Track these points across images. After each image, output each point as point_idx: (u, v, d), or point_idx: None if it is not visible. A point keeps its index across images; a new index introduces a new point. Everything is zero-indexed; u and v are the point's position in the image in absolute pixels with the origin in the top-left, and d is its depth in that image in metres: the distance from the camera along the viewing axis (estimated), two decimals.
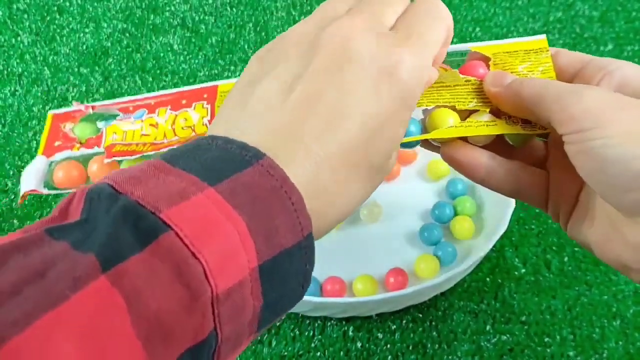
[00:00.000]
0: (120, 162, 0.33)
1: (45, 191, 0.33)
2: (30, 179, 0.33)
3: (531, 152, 0.31)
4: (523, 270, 0.43)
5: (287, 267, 0.21)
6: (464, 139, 0.30)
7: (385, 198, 0.46)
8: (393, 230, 0.44)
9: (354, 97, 0.23)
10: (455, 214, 0.45)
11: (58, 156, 0.34)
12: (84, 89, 0.55)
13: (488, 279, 0.43)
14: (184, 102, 0.34)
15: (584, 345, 0.39)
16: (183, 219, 0.19)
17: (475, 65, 0.31)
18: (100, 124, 0.34)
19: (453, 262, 0.42)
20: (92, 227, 0.19)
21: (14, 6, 0.62)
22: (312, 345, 0.40)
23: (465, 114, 0.30)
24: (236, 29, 0.60)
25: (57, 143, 0.34)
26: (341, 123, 0.23)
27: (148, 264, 0.18)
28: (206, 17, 0.61)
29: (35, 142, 0.51)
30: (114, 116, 0.35)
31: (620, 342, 0.39)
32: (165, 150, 0.32)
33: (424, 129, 0.30)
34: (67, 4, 0.62)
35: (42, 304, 0.17)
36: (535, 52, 0.30)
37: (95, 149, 0.34)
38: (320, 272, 0.41)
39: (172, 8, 0.61)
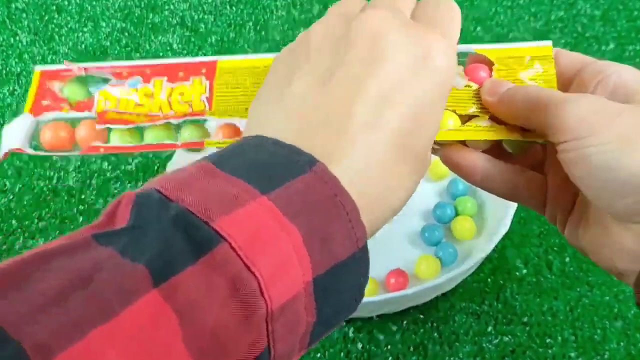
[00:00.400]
0: (110, 130, 0.32)
1: (31, 151, 0.31)
2: (15, 136, 0.31)
3: (529, 156, 0.32)
4: (524, 271, 0.43)
5: (342, 280, 0.21)
6: (463, 142, 0.30)
7: None
8: (394, 231, 0.44)
9: (395, 85, 0.23)
10: (457, 214, 0.44)
11: (46, 116, 0.32)
12: None
13: (489, 280, 0.42)
14: (181, 74, 0.33)
15: (586, 346, 0.39)
16: (237, 229, 0.18)
17: (477, 68, 0.31)
18: (91, 88, 0.33)
19: (454, 263, 0.42)
20: (142, 234, 0.18)
21: (13, 5, 0.61)
22: (312, 346, 0.40)
23: (465, 118, 0.30)
24: (236, 27, 0.59)
25: (44, 102, 0.32)
26: (384, 111, 0.23)
27: (203, 277, 0.18)
28: (205, 16, 0.60)
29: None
30: (106, 80, 0.33)
31: (622, 343, 0.39)
32: (161, 122, 0.31)
33: None
34: (66, 3, 0.61)
35: (92, 317, 0.16)
36: (539, 59, 0.30)
37: (86, 113, 0.32)
38: None
39: (171, 7, 0.61)
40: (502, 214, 0.41)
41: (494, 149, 0.31)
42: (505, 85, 0.29)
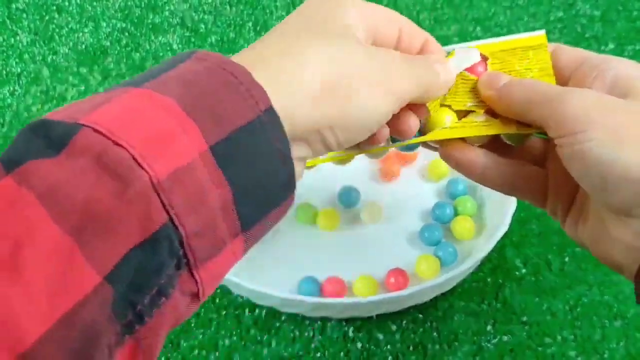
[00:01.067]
0: None
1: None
2: None
3: (530, 150, 0.32)
4: (524, 271, 0.43)
5: (249, 146, 0.19)
6: (462, 139, 0.30)
7: (385, 198, 0.46)
8: (393, 231, 0.44)
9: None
10: (456, 214, 0.44)
11: None
12: (83, 88, 0.55)
13: (489, 280, 0.42)
14: None
15: (585, 345, 0.39)
16: (101, 116, 0.18)
17: (474, 65, 0.31)
18: None
19: (454, 263, 0.42)
20: (11, 146, 0.19)
21: (13, 5, 0.61)
22: (312, 345, 0.40)
23: (462, 114, 0.30)
24: (236, 28, 0.59)
25: None
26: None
27: (64, 163, 0.17)
28: (205, 17, 0.60)
29: None
30: None
31: (621, 343, 0.39)
32: None
33: (422, 129, 0.30)
34: (66, 3, 0.61)
35: None
36: (534, 49, 0.30)
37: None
38: (320, 272, 0.41)
39: (172, 7, 0.61)
40: (501, 213, 0.41)
41: (493, 144, 0.31)
42: (502, 79, 0.29)
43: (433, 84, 0.27)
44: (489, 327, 0.40)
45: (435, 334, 0.40)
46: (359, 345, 0.40)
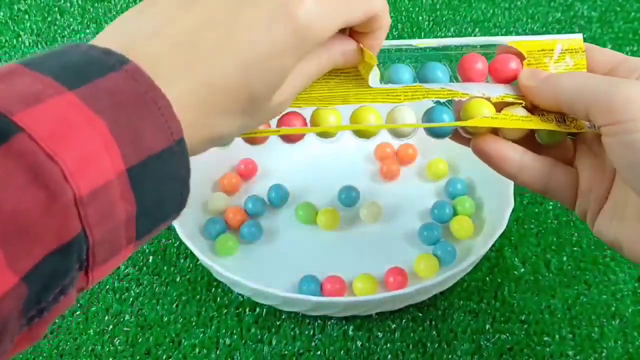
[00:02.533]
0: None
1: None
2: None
3: (559, 150, 0.31)
4: (522, 270, 0.43)
5: (158, 171, 0.21)
6: (495, 132, 0.30)
7: (385, 198, 0.46)
8: (393, 230, 0.45)
9: (244, 27, 0.24)
10: (455, 213, 0.45)
11: None
12: None
13: (487, 279, 0.43)
14: None
15: (583, 344, 0.40)
16: (38, 121, 0.19)
17: (507, 59, 0.31)
18: None
19: (453, 262, 0.42)
20: None
21: (15, 7, 0.62)
22: (313, 344, 0.40)
23: (499, 106, 0.30)
24: None
25: None
26: (225, 50, 0.23)
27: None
28: None
29: None
30: None
31: (619, 342, 0.40)
32: None
33: (458, 120, 0.30)
34: (68, 4, 0.62)
35: None
36: (570, 53, 0.30)
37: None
38: (320, 271, 0.42)
39: None
40: (499, 213, 0.41)
41: (524, 141, 0.30)
42: (544, 73, 0.29)
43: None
44: (487, 326, 0.41)
45: (434, 332, 0.40)
46: (359, 343, 0.40)
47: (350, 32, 0.28)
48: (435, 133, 0.31)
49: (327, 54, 0.28)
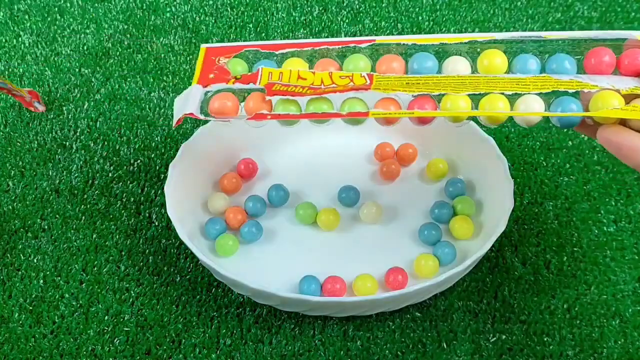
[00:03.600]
0: (274, 104, 0.34)
1: (202, 116, 0.35)
2: (188, 104, 0.35)
3: None
4: (522, 270, 0.43)
5: None
6: (623, 124, 0.30)
7: (385, 198, 0.46)
8: (393, 230, 0.45)
9: None
10: (455, 213, 0.45)
11: (214, 87, 0.36)
12: (85, 89, 0.55)
13: (487, 279, 0.43)
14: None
15: (583, 344, 0.40)
16: None
17: (637, 53, 0.31)
18: (253, 64, 0.36)
19: (452, 262, 0.42)
20: None
21: (15, 7, 0.62)
22: (313, 344, 0.40)
23: (628, 99, 0.31)
24: (237, 29, 0.60)
25: (211, 75, 0.36)
26: None
27: None
28: (207, 18, 0.61)
29: (36, 142, 0.51)
30: (268, 55, 0.36)
31: (619, 342, 0.40)
32: (326, 95, 0.33)
33: (586, 110, 0.31)
34: (68, 5, 0.62)
35: None
36: None
37: (251, 85, 0.35)
38: (320, 272, 0.42)
39: (173, 9, 0.61)
40: (499, 213, 0.41)
41: None
42: None
43: None
44: (487, 326, 0.41)
45: (434, 332, 0.40)
46: (359, 343, 0.40)
47: None
48: (564, 123, 0.32)
49: None
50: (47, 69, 0.57)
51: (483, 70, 0.33)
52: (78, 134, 0.52)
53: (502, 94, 0.32)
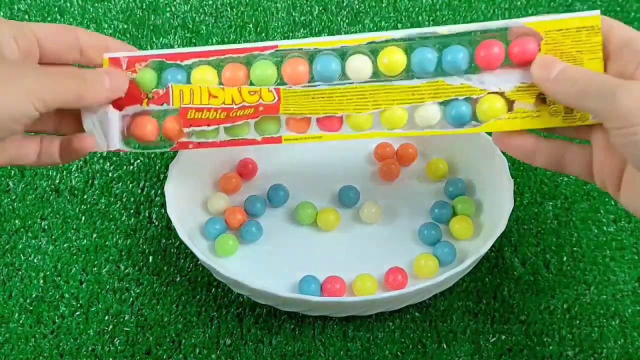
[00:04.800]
0: (192, 133, 0.36)
1: (128, 149, 0.37)
2: (109, 133, 0.35)
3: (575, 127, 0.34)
4: (522, 270, 0.43)
5: None
6: None
7: (385, 198, 0.46)
8: (393, 230, 0.45)
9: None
10: (455, 214, 0.45)
11: (129, 110, 0.36)
12: None
13: (487, 279, 0.43)
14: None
15: (583, 344, 0.40)
16: None
17: (526, 41, 0.32)
18: (162, 74, 0.36)
19: (452, 262, 0.42)
20: None
21: (15, 7, 0.62)
22: (313, 344, 0.40)
23: (512, 101, 0.33)
24: (237, 29, 0.60)
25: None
26: None
27: None
28: (206, 18, 0.61)
29: None
30: (177, 66, 0.36)
31: (619, 342, 0.40)
32: (239, 122, 0.35)
33: (474, 112, 0.35)
34: (68, 4, 0.62)
35: None
36: (587, 31, 0.31)
37: (165, 106, 0.36)
38: (320, 272, 0.42)
39: (173, 9, 0.62)
40: (499, 213, 0.42)
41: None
42: (558, 65, 0.31)
43: (86, 91, 0.33)
44: (487, 326, 0.41)
45: (434, 333, 0.40)
46: (359, 344, 0.40)
47: None
48: (455, 125, 0.36)
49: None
50: None
51: (383, 68, 0.35)
52: None
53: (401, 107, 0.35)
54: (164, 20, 0.60)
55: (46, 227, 0.46)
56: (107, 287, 0.43)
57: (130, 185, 0.48)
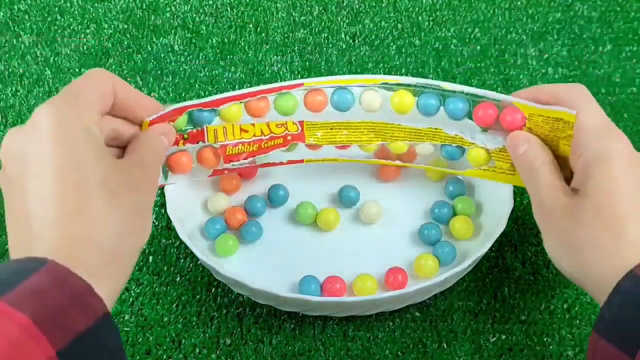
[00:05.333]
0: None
1: (167, 183, 0.41)
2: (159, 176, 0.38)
3: None
4: (522, 270, 0.43)
5: (92, 346, 0.24)
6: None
7: (385, 198, 0.46)
8: (393, 230, 0.45)
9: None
10: (455, 213, 0.45)
11: (169, 151, 0.40)
12: None
13: (487, 279, 0.43)
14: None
15: (583, 344, 0.40)
16: None
17: (515, 111, 0.38)
18: (196, 119, 0.39)
19: (452, 262, 0.42)
20: None
21: (15, 7, 0.62)
22: (313, 344, 0.40)
23: (496, 155, 0.40)
24: (237, 29, 0.60)
25: None
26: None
27: None
28: (207, 18, 0.61)
29: None
30: (210, 111, 0.39)
31: None
32: (268, 153, 0.41)
33: (463, 155, 0.42)
34: (68, 5, 0.62)
35: None
36: (564, 122, 0.36)
37: (201, 144, 0.41)
38: (320, 272, 0.42)
39: (173, 9, 0.61)
40: (499, 213, 0.42)
41: None
42: (521, 146, 0.37)
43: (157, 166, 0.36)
44: (487, 326, 0.41)
45: (434, 332, 0.40)
46: (359, 343, 0.40)
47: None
48: (447, 159, 0.43)
49: None
50: (47, 68, 0.57)
51: (394, 106, 0.41)
52: None
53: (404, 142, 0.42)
54: (164, 20, 0.60)
55: None
56: None
57: None
